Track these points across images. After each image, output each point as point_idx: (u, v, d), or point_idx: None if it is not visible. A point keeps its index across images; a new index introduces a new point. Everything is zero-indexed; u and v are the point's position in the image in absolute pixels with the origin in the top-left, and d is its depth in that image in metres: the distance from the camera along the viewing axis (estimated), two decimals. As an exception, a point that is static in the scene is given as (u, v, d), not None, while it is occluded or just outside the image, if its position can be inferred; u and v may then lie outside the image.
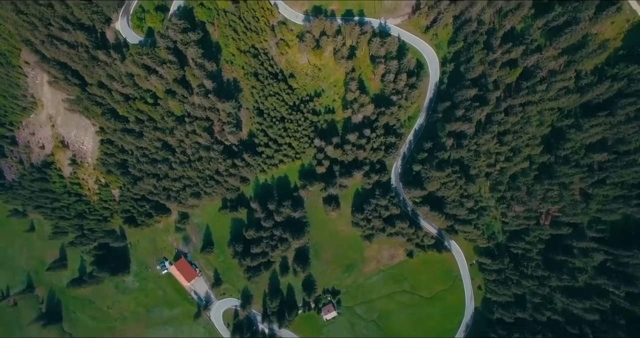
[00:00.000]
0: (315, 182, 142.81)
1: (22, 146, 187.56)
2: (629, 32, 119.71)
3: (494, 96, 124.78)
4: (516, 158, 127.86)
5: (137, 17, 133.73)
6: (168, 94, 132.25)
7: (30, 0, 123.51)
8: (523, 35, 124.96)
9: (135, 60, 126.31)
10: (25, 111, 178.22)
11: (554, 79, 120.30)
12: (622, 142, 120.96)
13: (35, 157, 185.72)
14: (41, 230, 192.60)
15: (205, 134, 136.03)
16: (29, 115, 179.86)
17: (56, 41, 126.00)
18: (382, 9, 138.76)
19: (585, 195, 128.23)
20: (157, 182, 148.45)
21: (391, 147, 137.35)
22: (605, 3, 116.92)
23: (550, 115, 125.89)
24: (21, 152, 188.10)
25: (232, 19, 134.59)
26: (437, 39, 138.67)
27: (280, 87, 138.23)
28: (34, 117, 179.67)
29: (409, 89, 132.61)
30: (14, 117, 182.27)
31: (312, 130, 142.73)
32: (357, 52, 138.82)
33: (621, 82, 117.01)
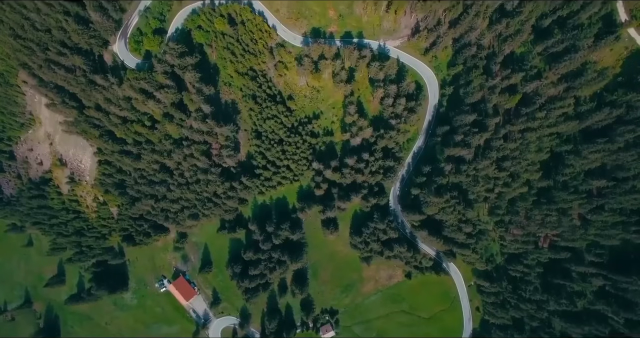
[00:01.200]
0: (313, 205, 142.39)
1: (20, 161, 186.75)
2: (627, 58, 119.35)
3: (493, 122, 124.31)
4: (515, 184, 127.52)
5: (134, 40, 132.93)
6: (165, 118, 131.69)
7: (28, 26, 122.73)
8: (523, 60, 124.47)
9: (132, 85, 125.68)
10: (24, 127, 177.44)
11: (553, 105, 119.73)
12: (621, 168, 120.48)
13: (34, 172, 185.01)
14: (39, 245, 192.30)
15: (203, 158, 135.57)
16: (27, 131, 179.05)
17: (53, 65, 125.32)
18: (381, 31, 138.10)
19: (584, 221, 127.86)
20: (155, 203, 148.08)
21: (389, 170, 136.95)
22: (604, 30, 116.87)
23: (550, 141, 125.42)
24: (19, 167, 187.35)
25: (230, 42, 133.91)
26: (437, 61, 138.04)
27: (278, 109, 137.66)
28: (32, 133, 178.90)
29: (408, 113, 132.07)
30: (12, 133, 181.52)
31: (311, 152, 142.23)
32: (356, 74, 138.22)
33: (620, 110, 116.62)
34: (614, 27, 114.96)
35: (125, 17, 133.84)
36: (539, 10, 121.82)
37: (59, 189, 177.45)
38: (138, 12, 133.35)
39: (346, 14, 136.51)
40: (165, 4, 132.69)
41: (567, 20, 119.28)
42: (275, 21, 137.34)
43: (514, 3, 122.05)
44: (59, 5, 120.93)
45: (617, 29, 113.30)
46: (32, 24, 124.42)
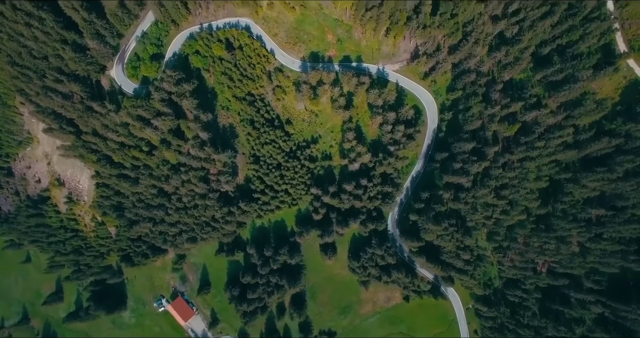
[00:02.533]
0: (311, 229, 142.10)
1: (18, 178, 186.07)
2: (626, 88, 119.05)
3: (492, 151, 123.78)
4: (513, 212, 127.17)
5: (131, 66, 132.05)
6: (163, 144, 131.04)
7: (25, 54, 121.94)
8: (522, 88, 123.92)
9: (129, 112, 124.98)
10: (21, 145, 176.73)
11: (552, 135, 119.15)
12: (620, 197, 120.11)
13: (32, 189, 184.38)
14: (37, 261, 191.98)
15: (201, 184, 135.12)
16: (24, 148, 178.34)
17: (51, 93, 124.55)
18: (380, 55, 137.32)
19: (582, 248, 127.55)
20: (153, 227, 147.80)
21: (388, 196, 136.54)
22: (603, 60, 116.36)
23: (549, 169, 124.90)
24: (17, 183, 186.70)
25: (228, 67, 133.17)
26: (436, 85, 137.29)
27: (276, 134, 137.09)
28: (30, 150, 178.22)
29: (406, 139, 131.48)
30: (9, 150, 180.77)
31: (309, 177, 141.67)
32: (354, 99, 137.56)
33: (619, 139, 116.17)
34: (612, 58, 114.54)
35: (122, 42, 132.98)
36: (538, 38, 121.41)
37: (57, 208, 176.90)
38: (135, 37, 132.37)
39: (345, 38, 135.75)
40: (162, 29, 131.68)
41: (567, 49, 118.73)
42: (273, 45, 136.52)
43: (513, 31, 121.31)
44: (56, 33, 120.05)
45: (615, 60, 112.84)
46: (30, 51, 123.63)
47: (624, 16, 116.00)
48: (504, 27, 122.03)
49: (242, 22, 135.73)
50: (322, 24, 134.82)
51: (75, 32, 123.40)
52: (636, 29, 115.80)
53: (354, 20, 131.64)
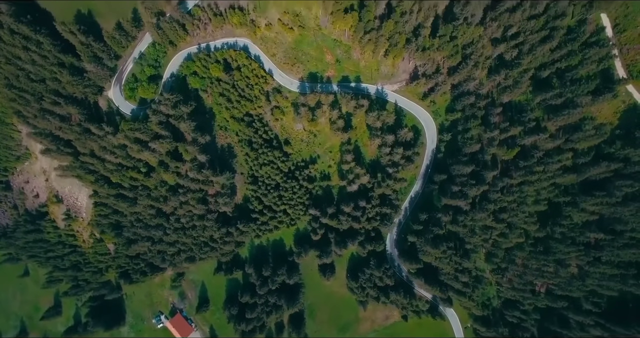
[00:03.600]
0: (310, 249, 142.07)
1: (16, 192, 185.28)
2: (624, 112, 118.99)
3: (490, 175, 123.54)
4: (512, 235, 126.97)
5: (129, 88, 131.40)
6: (161, 167, 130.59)
7: (22, 77, 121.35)
8: (521, 111, 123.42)
9: (127, 135, 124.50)
10: (20, 160, 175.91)
11: (551, 159, 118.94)
12: (619, 221, 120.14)
13: (30, 203, 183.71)
14: (36, 275, 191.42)
15: (199, 205, 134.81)
16: (23, 163, 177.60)
17: (48, 115, 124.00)
18: (379, 75, 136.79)
19: (581, 271, 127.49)
20: (151, 245, 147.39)
21: (386, 218, 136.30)
22: (602, 84, 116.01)
23: (548, 192, 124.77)
24: (15, 197, 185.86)
25: (226, 88, 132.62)
26: (435, 105, 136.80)
27: (274, 155, 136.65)
28: (28, 165, 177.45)
29: (405, 161, 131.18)
30: (7, 164, 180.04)
31: (307, 197, 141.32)
32: (353, 119, 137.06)
33: (618, 164, 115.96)
34: (611, 83, 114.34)
35: (120, 63, 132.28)
36: (537, 61, 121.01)
37: (55, 223, 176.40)
38: (133, 59, 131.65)
39: (343, 58, 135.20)
40: (160, 50, 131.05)
41: (566, 72, 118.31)
42: (271, 65, 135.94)
43: (512, 54, 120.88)
44: (54, 57, 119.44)
45: (614, 86, 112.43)
46: (27, 74, 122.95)
47: (622, 41, 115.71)
48: (504, 50, 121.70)
49: (240, 42, 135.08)
50: (320, 45, 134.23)
51: (72, 55, 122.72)
52: (634, 54, 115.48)
53: (353, 40, 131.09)
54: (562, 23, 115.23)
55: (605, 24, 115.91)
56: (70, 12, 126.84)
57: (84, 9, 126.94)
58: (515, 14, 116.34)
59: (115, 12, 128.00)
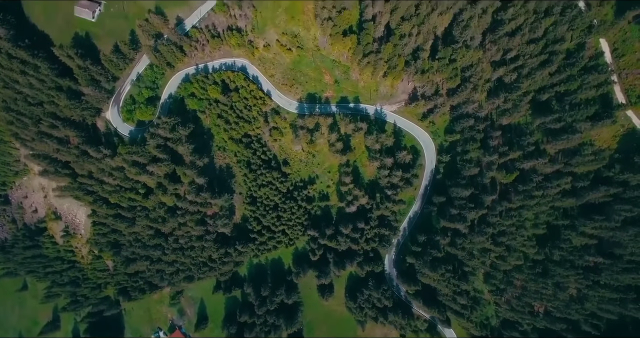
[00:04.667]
0: (308, 269, 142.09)
1: (14, 206, 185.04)
2: (623, 136, 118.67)
3: (489, 199, 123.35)
4: (510, 258, 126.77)
5: (127, 110, 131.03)
6: (159, 189, 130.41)
7: (20, 100, 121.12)
8: (521, 135, 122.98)
9: (125, 158, 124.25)
10: (18, 175, 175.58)
11: (550, 184, 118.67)
12: (618, 245, 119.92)
13: (28, 218, 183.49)
14: (34, 289, 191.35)
15: (197, 227, 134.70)
16: (21, 178, 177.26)
17: (46, 138, 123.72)
18: (378, 96, 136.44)
19: (580, 294, 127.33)
20: (150, 265, 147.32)
21: (385, 239, 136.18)
22: (601, 109, 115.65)
23: (547, 216, 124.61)
24: (14, 212, 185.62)
25: (224, 109, 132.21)
26: (434, 126, 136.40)
27: (273, 175, 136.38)
28: (27, 180, 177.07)
29: (404, 183, 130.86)
30: (6, 178, 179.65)
31: (306, 218, 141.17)
32: (352, 140, 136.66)
33: (617, 188, 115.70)
34: (610, 109, 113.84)
35: (117, 84, 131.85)
36: (537, 84, 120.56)
37: (53, 239, 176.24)
38: (130, 81, 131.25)
39: (342, 79, 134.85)
40: (157, 72, 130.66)
41: (565, 96, 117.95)
42: (270, 86, 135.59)
43: (511, 77, 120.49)
44: (51, 81, 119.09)
45: (613, 112, 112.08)
46: (25, 97, 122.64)
47: (620, 66, 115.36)
48: (503, 74, 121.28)
49: (238, 62, 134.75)
50: (319, 65, 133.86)
51: (69, 79, 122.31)
52: (633, 79, 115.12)
53: (352, 61, 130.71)
54: (561, 47, 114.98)
55: (604, 49, 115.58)
56: (68, 35, 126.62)
57: (81, 32, 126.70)
58: (515, 38, 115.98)
59: (113, 34, 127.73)
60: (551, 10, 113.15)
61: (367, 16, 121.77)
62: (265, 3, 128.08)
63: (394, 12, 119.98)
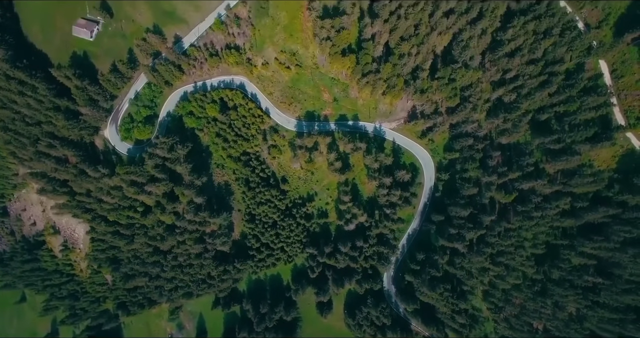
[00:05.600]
0: (307, 286, 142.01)
1: (13, 218, 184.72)
2: (622, 156, 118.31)
3: (488, 219, 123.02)
4: (509, 277, 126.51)
5: (125, 129, 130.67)
6: (158, 208, 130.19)
7: (18, 120, 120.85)
8: (520, 155, 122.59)
9: (123, 178, 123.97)
10: (16, 188, 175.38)
11: (549, 205, 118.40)
12: (617, 266, 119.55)
13: (27, 230, 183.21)
14: (33, 301, 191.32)
15: (196, 246, 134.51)
16: (20, 190, 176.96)
17: (44, 158, 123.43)
18: (377, 114, 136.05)
19: (579, 313, 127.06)
20: (149, 281, 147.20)
21: (383, 257, 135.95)
22: (601, 130, 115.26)
23: (546, 236, 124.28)
24: (12, 224, 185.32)
25: (222, 128, 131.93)
26: (433, 144, 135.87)
27: (272, 193, 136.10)
28: (25, 192, 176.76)
29: (403, 202, 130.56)
30: (5, 191, 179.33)
31: (305, 235, 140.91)
32: (350, 158, 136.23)
33: (616, 209, 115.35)
34: (610, 131, 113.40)
35: (116, 102, 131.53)
36: (536, 104, 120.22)
37: (52, 253, 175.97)
38: (128, 99, 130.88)
39: (341, 97, 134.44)
40: (155, 90, 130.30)
41: (565, 117, 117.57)
42: (268, 104, 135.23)
43: (511, 97, 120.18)
44: (49, 101, 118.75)
45: (612, 133, 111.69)
46: (23, 117, 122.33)
47: (619, 87, 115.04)
48: (502, 93, 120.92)
49: (236, 80, 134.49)
50: (318, 83, 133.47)
51: (67, 99, 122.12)
52: (632, 100, 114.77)
53: (351, 79, 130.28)
54: (560, 68, 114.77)
55: (603, 70, 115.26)
56: (66, 54, 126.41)
57: (79, 51, 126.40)
58: (514, 59, 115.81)
59: (111, 53, 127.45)
60: (550, 32, 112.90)
61: (366, 35, 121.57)
62: (263, 21, 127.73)
63: (393, 31, 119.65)
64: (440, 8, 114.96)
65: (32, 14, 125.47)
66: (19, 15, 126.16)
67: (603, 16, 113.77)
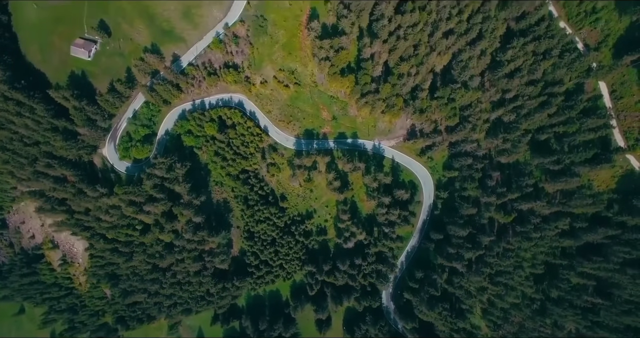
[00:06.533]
0: (306, 303, 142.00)
1: (12, 230, 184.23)
2: (622, 177, 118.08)
3: (487, 240, 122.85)
4: (508, 297, 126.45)
5: (123, 147, 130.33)
6: (156, 227, 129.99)
7: (16, 140, 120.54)
8: (519, 175, 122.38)
9: (121, 198, 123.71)
10: (15, 201, 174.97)
11: (548, 226, 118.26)
12: (617, 286, 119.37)
13: (26, 242, 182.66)
14: (31, 313, 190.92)
15: (195, 264, 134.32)
16: (18, 203, 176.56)
17: (42, 178, 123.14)
18: (376, 132, 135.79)
19: (578, 332, 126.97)
20: (148, 297, 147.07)
21: (382, 275, 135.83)
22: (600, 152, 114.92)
23: (545, 255, 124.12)
24: (11, 236, 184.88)
25: (220, 146, 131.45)
26: (432, 161, 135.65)
27: (270, 211, 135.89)
28: (24, 205, 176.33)
29: (401, 221, 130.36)
30: (3, 203, 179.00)
31: (304, 252, 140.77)
32: (349, 176, 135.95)
33: (616, 231, 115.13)
34: (609, 152, 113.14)
35: (114, 121, 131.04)
36: (536, 124, 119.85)
37: (51, 266, 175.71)
38: (127, 118, 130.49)
39: (340, 115, 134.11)
40: (153, 109, 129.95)
41: (564, 138, 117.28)
42: (267, 122, 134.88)
43: (510, 117, 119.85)
44: (47, 122, 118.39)
45: (612, 155, 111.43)
46: (21, 138, 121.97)
47: (619, 108, 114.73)
48: (502, 114, 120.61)
49: (235, 98, 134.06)
50: (316, 101, 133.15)
51: (65, 119, 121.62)
52: (631, 121, 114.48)
53: (350, 98, 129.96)
54: (559, 89, 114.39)
55: (603, 91, 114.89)
56: (64, 73, 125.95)
57: (77, 70, 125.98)
58: (514, 80, 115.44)
59: (109, 72, 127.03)
60: (550, 53, 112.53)
61: (365, 55, 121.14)
62: (262, 39, 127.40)
63: (392, 52, 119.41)
64: (440, 29, 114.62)
65: (31, 34, 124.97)
66: (18, 35, 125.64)
67: (602, 37, 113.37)
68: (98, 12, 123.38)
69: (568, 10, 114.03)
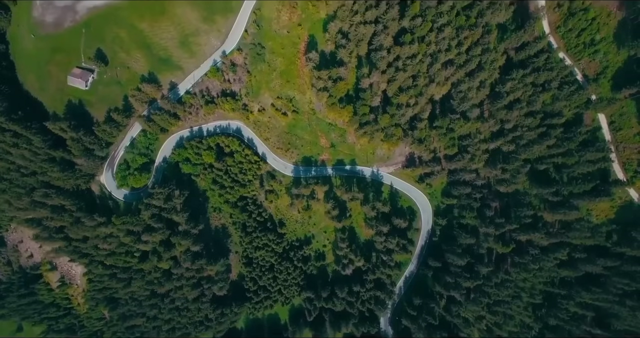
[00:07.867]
0: (305, 328, 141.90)
1: (10, 248, 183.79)
2: (621, 207, 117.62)
3: (485, 270, 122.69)
4: (506, 326, 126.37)
5: (121, 176, 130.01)
6: (154, 255, 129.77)
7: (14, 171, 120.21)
8: (518, 206, 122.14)
9: (119, 228, 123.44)
10: (13, 220, 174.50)
11: (547, 257, 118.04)
12: (616, 317, 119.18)
13: (24, 261, 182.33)
14: (30, 331, 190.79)
15: (193, 291, 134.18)
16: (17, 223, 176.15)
17: (39, 207, 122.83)
18: (374, 158, 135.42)
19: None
20: (146, 321, 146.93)
21: (380, 302, 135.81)
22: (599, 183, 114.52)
23: (544, 285, 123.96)
24: (9, 254, 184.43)
25: (218, 174, 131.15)
26: (431, 188, 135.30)
27: (269, 238, 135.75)
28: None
29: (400, 249, 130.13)
30: (1, 222, 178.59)
31: (302, 278, 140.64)
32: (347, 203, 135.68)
33: (615, 262, 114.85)
34: (608, 185, 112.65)
35: (111, 149, 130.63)
36: (535, 154, 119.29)
37: (49, 286, 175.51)
38: (124, 146, 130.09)
39: (338, 142, 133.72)
40: (151, 138, 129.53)
41: (563, 169, 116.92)
42: (265, 149, 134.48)
43: (509, 147, 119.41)
44: (44, 153, 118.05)
45: (611, 189, 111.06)
46: (18, 168, 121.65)
47: (618, 139, 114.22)
48: (501, 144, 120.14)
49: (233, 124, 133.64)
50: (315, 128, 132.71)
51: (62, 150, 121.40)
52: (629, 153, 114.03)
53: (348, 126, 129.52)
54: (558, 121, 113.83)
55: (602, 123, 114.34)
56: (61, 102, 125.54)
57: (74, 99, 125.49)
58: (513, 111, 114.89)
59: (106, 101, 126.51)
60: (549, 84, 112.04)
61: (364, 85, 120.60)
62: (260, 67, 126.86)
63: (391, 82, 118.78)
64: (439, 60, 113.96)
65: (28, 63, 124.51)
66: (15, 64, 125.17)
67: (601, 69, 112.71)
68: (95, 41, 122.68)
69: (567, 42, 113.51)
